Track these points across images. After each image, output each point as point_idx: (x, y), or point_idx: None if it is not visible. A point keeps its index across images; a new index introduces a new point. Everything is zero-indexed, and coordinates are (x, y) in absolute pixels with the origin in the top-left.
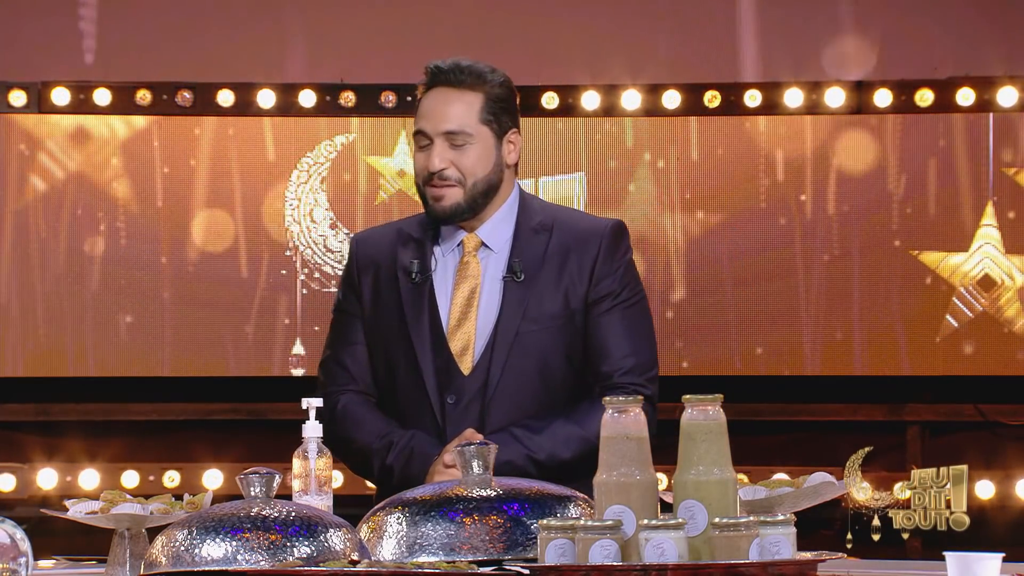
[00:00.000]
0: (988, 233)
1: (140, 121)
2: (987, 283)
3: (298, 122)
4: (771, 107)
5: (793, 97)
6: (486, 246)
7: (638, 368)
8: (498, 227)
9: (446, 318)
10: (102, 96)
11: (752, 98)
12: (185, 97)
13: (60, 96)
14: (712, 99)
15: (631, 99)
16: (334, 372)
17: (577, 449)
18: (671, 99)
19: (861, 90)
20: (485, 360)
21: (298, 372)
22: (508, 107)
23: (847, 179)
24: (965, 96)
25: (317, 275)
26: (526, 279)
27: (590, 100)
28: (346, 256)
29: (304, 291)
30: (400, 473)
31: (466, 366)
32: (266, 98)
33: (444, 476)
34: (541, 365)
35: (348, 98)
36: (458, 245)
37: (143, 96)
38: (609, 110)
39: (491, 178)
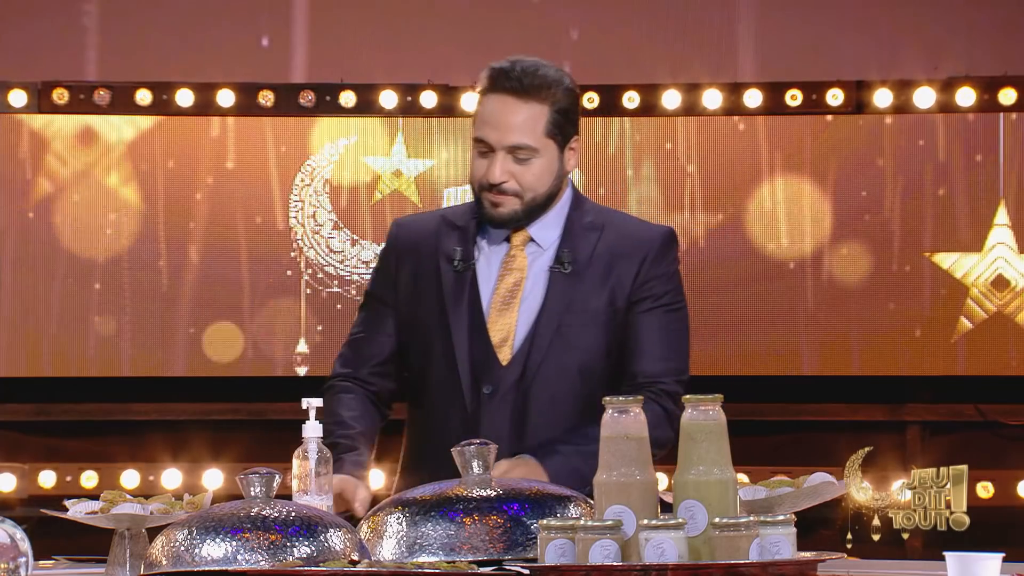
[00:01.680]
0: (1001, 234)
1: (140, 121)
2: (1001, 283)
3: (300, 123)
4: (772, 107)
5: (794, 97)
6: (534, 242)
7: (670, 371)
8: (549, 225)
9: (487, 308)
10: (102, 96)
11: (752, 98)
12: (185, 97)
13: (60, 96)
14: (712, 99)
15: (631, 99)
16: (346, 356)
17: None
18: (671, 99)
19: (861, 90)
20: (524, 351)
21: (302, 371)
22: (572, 116)
23: (847, 180)
24: (965, 96)
25: (320, 275)
26: (572, 273)
27: (589, 100)
28: (348, 256)
29: (308, 291)
30: None
31: (504, 356)
32: (266, 98)
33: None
34: (581, 359)
35: (348, 98)
36: (505, 238)
37: (143, 96)
38: (609, 110)
39: (551, 190)
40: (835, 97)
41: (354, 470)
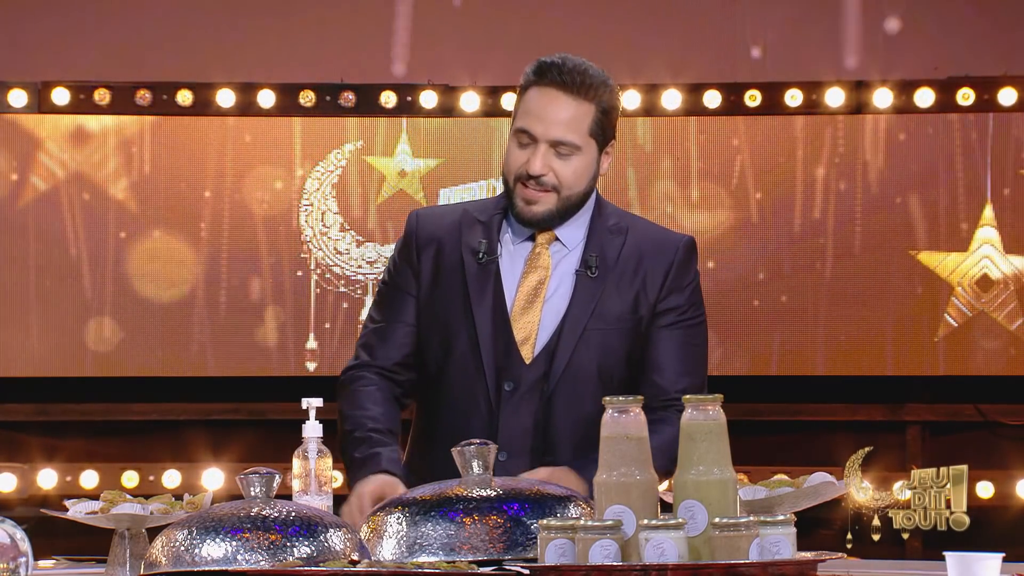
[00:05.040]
0: (987, 233)
1: (142, 121)
2: (986, 283)
3: (305, 125)
4: (771, 107)
5: (793, 97)
6: (559, 241)
7: (691, 389)
8: (573, 225)
9: (511, 304)
10: (102, 96)
11: (752, 98)
12: (185, 97)
13: (60, 96)
14: (712, 99)
15: (631, 99)
16: (371, 345)
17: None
18: (671, 99)
19: (861, 90)
20: (548, 352)
21: (312, 366)
22: (613, 119)
23: (847, 179)
24: (965, 96)
25: (328, 276)
26: (599, 277)
27: None
28: (355, 256)
29: (317, 290)
30: (352, 471)
31: (527, 354)
32: (266, 98)
33: (349, 506)
34: (601, 364)
35: (348, 98)
36: (530, 235)
37: (143, 96)
38: None
39: (586, 191)
40: (835, 97)
41: (394, 468)
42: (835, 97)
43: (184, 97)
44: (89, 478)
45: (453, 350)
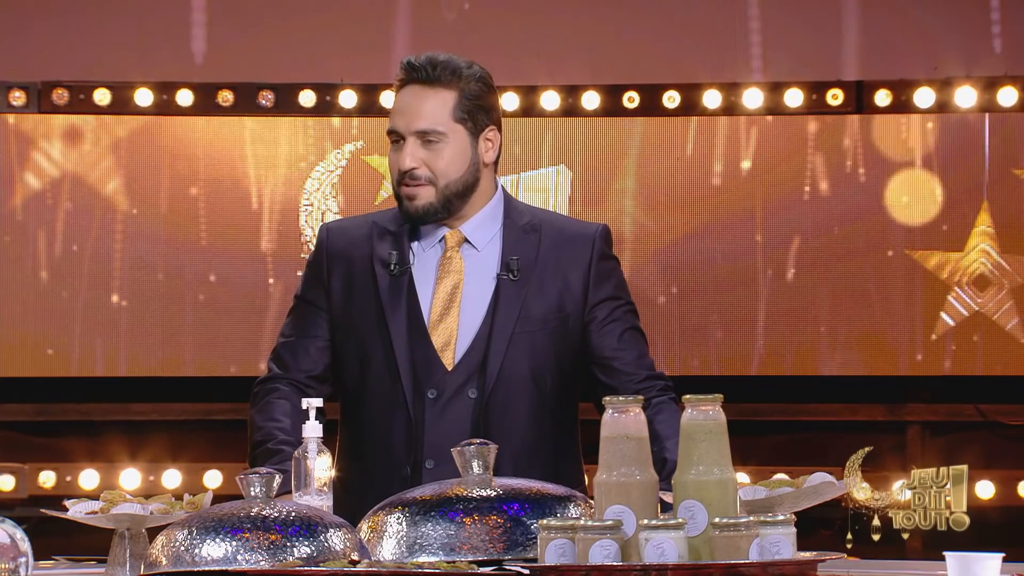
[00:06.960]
0: (984, 232)
1: (140, 121)
2: (983, 282)
3: (306, 125)
4: (771, 107)
5: (793, 97)
6: (469, 243)
7: (652, 366)
8: (483, 225)
9: (427, 312)
10: (102, 96)
11: (751, 98)
12: (185, 97)
13: (60, 96)
14: (712, 99)
15: (631, 99)
16: (283, 359)
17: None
18: (671, 99)
19: (861, 90)
20: (474, 357)
21: None
22: (484, 104)
23: (845, 178)
24: (964, 96)
25: None
26: (520, 279)
27: (589, 101)
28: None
29: None
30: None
31: (448, 361)
32: (266, 98)
33: None
34: (532, 367)
35: (348, 98)
36: (440, 240)
37: (143, 96)
38: (609, 110)
39: (466, 178)
40: (835, 97)
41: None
42: (835, 97)
43: (184, 97)
44: (89, 478)
45: (370, 364)
